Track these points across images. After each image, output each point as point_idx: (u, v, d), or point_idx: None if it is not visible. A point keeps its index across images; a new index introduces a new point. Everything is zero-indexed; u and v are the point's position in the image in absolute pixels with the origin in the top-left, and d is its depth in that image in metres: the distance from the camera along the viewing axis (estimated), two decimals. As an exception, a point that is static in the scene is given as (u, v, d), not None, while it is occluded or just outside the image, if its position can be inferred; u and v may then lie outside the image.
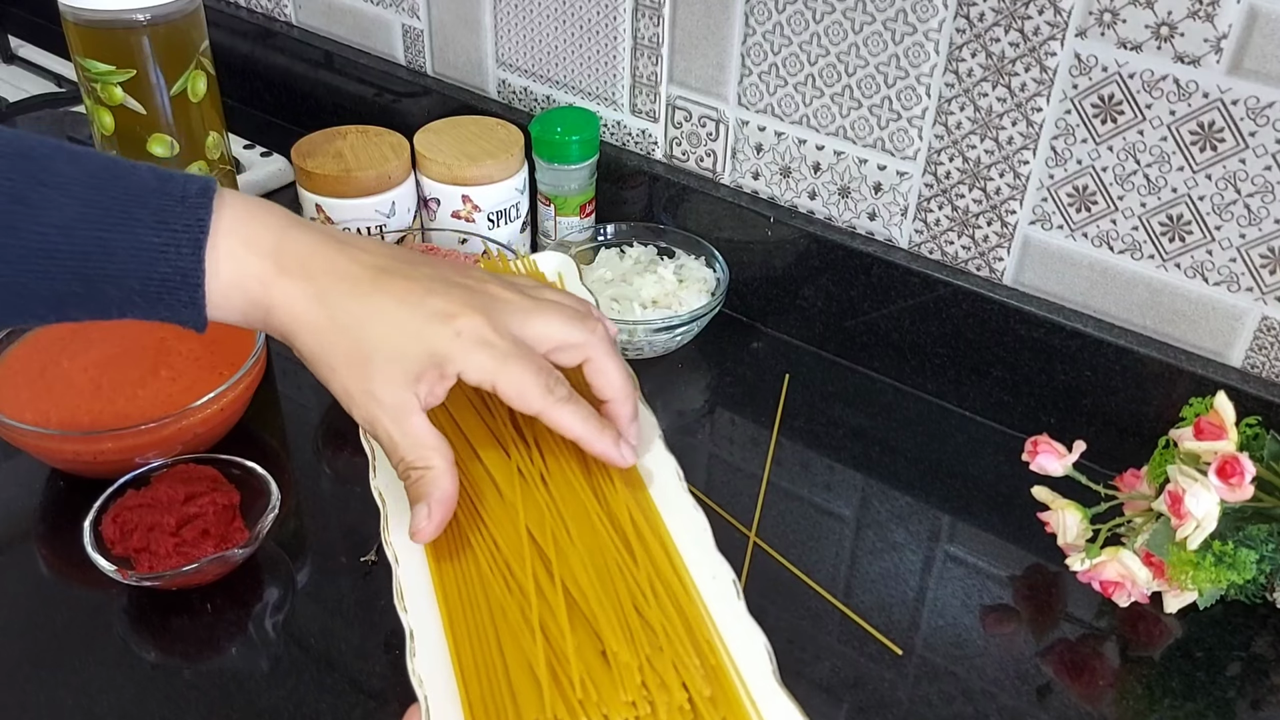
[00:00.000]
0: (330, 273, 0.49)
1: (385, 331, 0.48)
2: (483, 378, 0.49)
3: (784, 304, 0.89)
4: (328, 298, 0.49)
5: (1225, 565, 0.61)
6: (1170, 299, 0.73)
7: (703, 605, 0.48)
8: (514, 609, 0.47)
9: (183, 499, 0.65)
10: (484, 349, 0.49)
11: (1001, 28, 0.71)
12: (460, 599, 0.48)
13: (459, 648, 0.47)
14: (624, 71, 0.91)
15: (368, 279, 0.49)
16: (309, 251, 0.49)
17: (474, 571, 0.49)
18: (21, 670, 0.60)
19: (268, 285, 0.49)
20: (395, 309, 0.49)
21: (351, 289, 0.49)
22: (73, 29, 0.75)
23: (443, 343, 0.48)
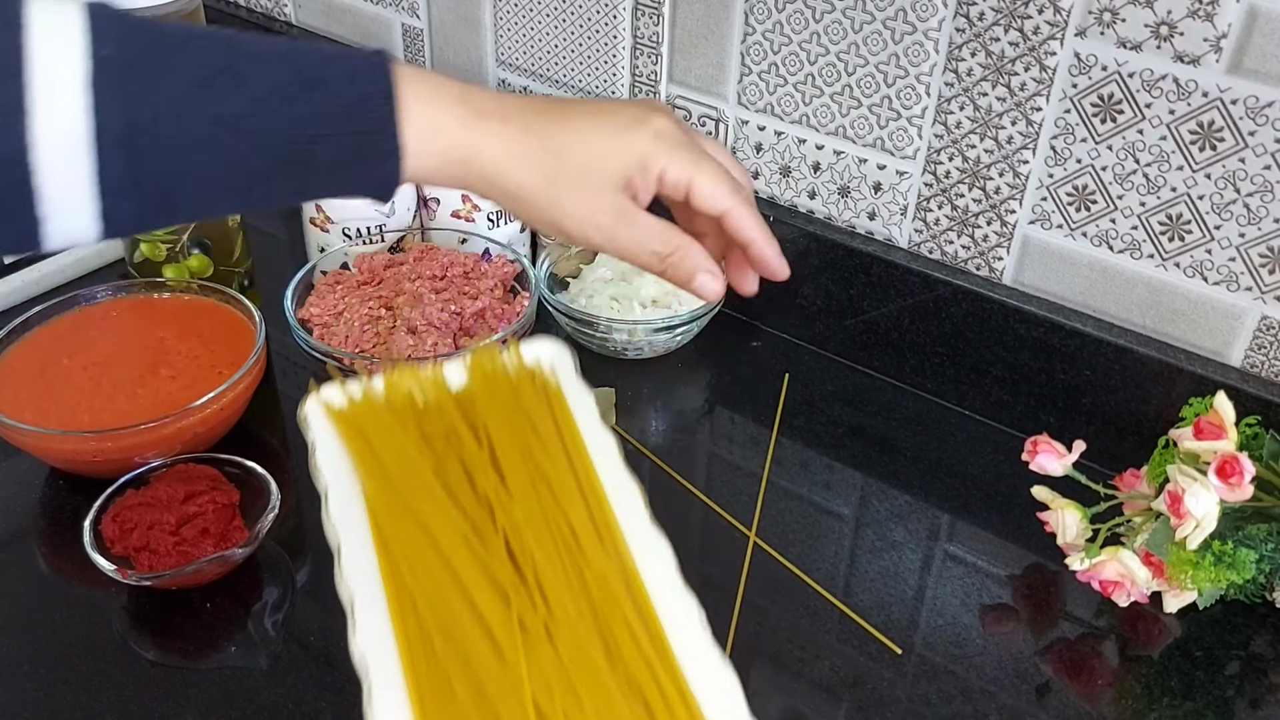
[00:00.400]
0: (523, 110, 0.51)
1: (592, 144, 0.51)
2: (680, 175, 0.52)
3: (784, 303, 0.89)
4: (531, 129, 0.50)
5: (1225, 565, 0.61)
6: (1170, 298, 0.73)
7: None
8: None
9: (182, 498, 0.65)
10: (681, 148, 0.52)
11: (1001, 27, 0.71)
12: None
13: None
14: (624, 71, 0.91)
15: (557, 109, 0.52)
16: (494, 97, 0.51)
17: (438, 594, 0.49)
18: (21, 668, 0.61)
19: (469, 128, 0.49)
20: (595, 124, 0.51)
21: (548, 119, 0.51)
22: (73, 28, 0.75)
23: (645, 144, 0.51)
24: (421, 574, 0.51)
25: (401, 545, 0.52)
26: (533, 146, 0.50)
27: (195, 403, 0.69)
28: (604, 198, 0.51)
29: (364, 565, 0.52)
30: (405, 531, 0.52)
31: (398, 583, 0.51)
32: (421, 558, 0.51)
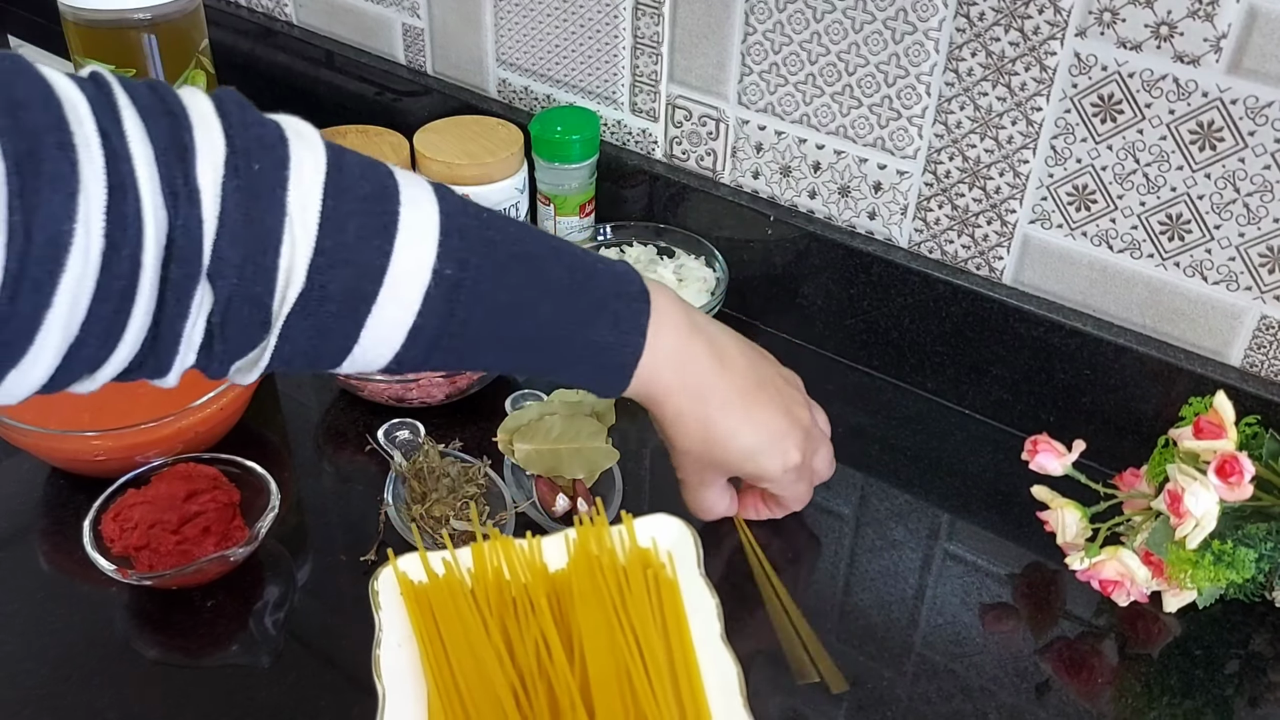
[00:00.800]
0: (714, 397, 0.61)
1: (738, 451, 0.63)
2: (780, 493, 0.68)
3: (784, 303, 0.89)
4: (708, 417, 0.61)
5: (1224, 564, 0.61)
6: (1169, 298, 0.73)
7: None
8: None
9: (183, 497, 0.66)
10: (789, 479, 0.65)
11: (1001, 27, 0.71)
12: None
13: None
14: (624, 70, 0.91)
15: (739, 405, 0.62)
16: (703, 374, 0.61)
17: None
18: (23, 667, 0.61)
19: (670, 393, 0.60)
20: (752, 434, 0.62)
21: (725, 411, 0.61)
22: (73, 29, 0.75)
23: (775, 472, 0.64)
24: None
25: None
26: (699, 429, 0.62)
27: (196, 402, 0.69)
28: (716, 479, 0.66)
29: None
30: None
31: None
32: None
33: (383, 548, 0.68)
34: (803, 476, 0.66)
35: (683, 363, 0.60)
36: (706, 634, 0.59)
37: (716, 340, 0.63)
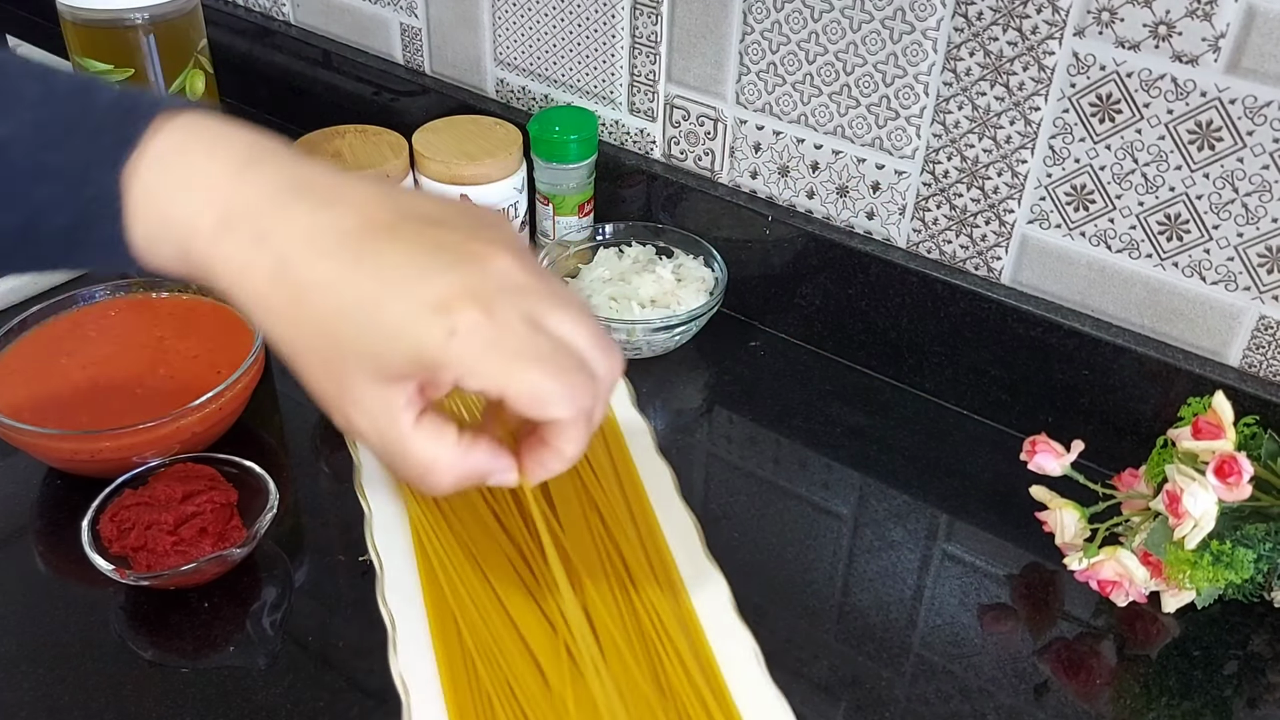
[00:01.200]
0: (293, 234, 0.39)
1: (363, 326, 0.38)
2: (486, 387, 0.39)
3: (782, 303, 0.89)
4: (287, 272, 0.38)
5: (1223, 564, 0.61)
6: (1168, 298, 0.73)
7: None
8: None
9: (180, 498, 0.65)
10: (488, 354, 0.38)
11: (1000, 26, 0.71)
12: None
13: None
14: (622, 70, 0.91)
15: (346, 248, 0.39)
16: (268, 199, 0.39)
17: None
18: (19, 668, 0.60)
19: (204, 238, 0.39)
20: (376, 295, 0.38)
21: (321, 260, 0.38)
22: (71, 28, 0.75)
23: (434, 346, 0.38)
24: (465, 598, 0.48)
25: (446, 569, 0.49)
26: (283, 300, 0.39)
27: (193, 402, 0.69)
28: (360, 389, 0.39)
29: (406, 586, 0.49)
30: (450, 555, 0.50)
31: (440, 605, 0.48)
32: (466, 583, 0.49)
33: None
34: (508, 348, 0.39)
35: (229, 185, 0.39)
36: (642, 450, 0.56)
37: (309, 172, 0.40)
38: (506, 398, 0.39)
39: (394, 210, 0.40)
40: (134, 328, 0.77)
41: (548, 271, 0.43)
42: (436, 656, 0.44)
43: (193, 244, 0.39)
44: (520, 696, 0.47)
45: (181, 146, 0.39)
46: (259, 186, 0.39)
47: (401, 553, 0.48)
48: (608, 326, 0.82)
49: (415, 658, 0.43)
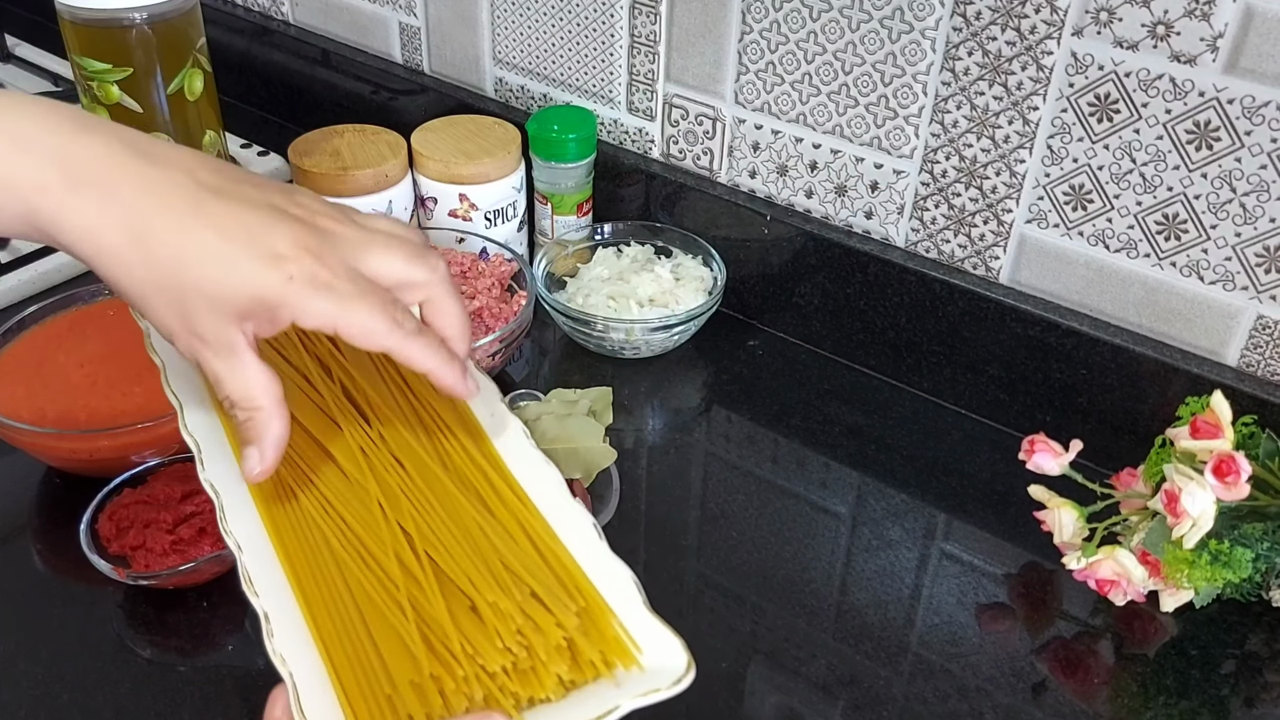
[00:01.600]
0: (137, 189, 0.43)
1: (208, 270, 0.43)
2: (321, 323, 0.45)
3: (781, 302, 0.89)
4: (136, 223, 0.42)
5: (1221, 564, 0.61)
6: (1166, 298, 0.73)
7: (566, 550, 0.48)
8: (374, 584, 0.46)
9: (179, 497, 0.65)
10: (320, 293, 0.44)
11: (998, 26, 0.71)
12: (314, 580, 0.47)
13: (319, 624, 0.45)
14: (621, 70, 0.91)
15: (184, 202, 0.43)
16: (106, 159, 0.42)
17: (325, 552, 0.48)
18: (18, 667, 0.60)
19: (52, 200, 0.42)
20: (218, 245, 0.43)
21: (164, 213, 0.43)
22: (69, 27, 0.75)
23: (274, 288, 0.44)
24: None
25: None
26: (130, 248, 0.43)
27: (192, 401, 0.69)
28: (205, 323, 0.44)
29: (203, 421, 0.52)
30: None
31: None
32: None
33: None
34: (338, 295, 0.45)
35: (70, 143, 0.42)
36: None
37: (136, 137, 0.45)
38: (339, 333, 0.45)
39: (218, 173, 0.45)
40: (133, 327, 0.77)
41: (358, 215, 0.49)
42: (314, 638, 0.46)
43: (39, 203, 0.42)
44: (321, 485, 0.50)
45: (10, 115, 0.41)
46: (95, 149, 0.42)
47: (262, 537, 0.50)
48: (606, 325, 0.83)
49: (294, 637, 0.46)
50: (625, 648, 0.44)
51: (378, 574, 0.47)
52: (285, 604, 0.47)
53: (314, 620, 0.46)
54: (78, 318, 0.77)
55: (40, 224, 0.42)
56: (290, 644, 0.44)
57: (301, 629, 0.45)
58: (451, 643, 0.43)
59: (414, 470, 0.51)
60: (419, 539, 0.48)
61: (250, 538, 0.49)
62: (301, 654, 0.44)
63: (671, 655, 0.43)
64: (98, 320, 0.78)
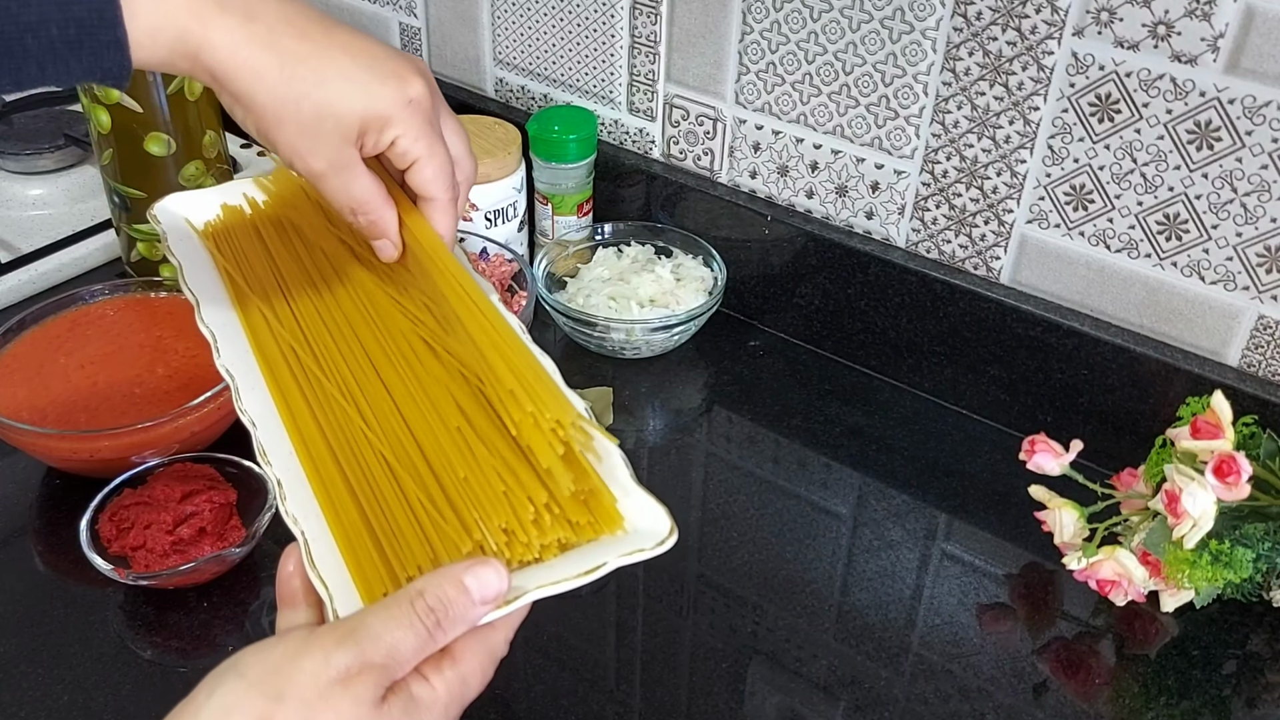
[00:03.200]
0: (276, 15, 0.47)
1: (339, 86, 0.48)
2: (411, 151, 0.51)
3: (781, 302, 0.89)
4: (277, 42, 0.47)
5: (1222, 564, 0.61)
6: (1167, 298, 0.73)
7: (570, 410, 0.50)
8: (378, 452, 0.49)
9: (179, 497, 0.65)
10: (426, 125, 0.50)
11: (999, 26, 0.71)
12: (322, 450, 0.50)
13: (328, 489, 0.49)
14: (621, 70, 0.91)
15: (318, 28, 0.48)
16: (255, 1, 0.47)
17: (332, 426, 0.51)
18: (18, 667, 0.60)
19: (204, 21, 0.46)
20: (349, 63, 0.48)
21: (301, 35, 0.47)
22: (70, 27, 0.75)
23: (394, 106, 0.49)
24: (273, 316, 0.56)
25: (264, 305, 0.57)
26: (270, 64, 0.47)
27: (192, 402, 0.69)
28: (329, 141, 0.49)
29: (217, 315, 0.57)
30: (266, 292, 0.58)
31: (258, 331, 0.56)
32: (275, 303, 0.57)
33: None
34: (433, 131, 0.52)
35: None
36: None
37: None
38: (420, 163, 0.52)
39: (327, 19, 0.50)
40: (133, 327, 0.77)
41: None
42: (321, 503, 0.50)
43: (191, 24, 0.46)
44: (324, 365, 0.54)
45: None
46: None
47: (271, 413, 0.54)
48: (606, 325, 0.83)
49: (304, 501, 0.50)
50: (615, 514, 0.46)
51: (382, 443, 0.50)
52: (295, 472, 0.50)
53: (322, 485, 0.49)
54: (78, 318, 0.77)
55: (190, 44, 0.46)
56: (300, 506, 0.48)
57: (310, 494, 0.49)
58: (454, 504, 0.46)
59: (405, 344, 0.54)
60: (416, 409, 0.51)
61: (262, 415, 0.52)
62: (311, 515, 0.48)
63: (656, 521, 0.46)
64: (98, 321, 0.78)
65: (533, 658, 0.62)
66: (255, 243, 0.61)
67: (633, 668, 0.62)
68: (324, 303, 0.57)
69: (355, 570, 0.45)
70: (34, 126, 1.05)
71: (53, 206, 0.99)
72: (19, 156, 1.00)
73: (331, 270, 0.59)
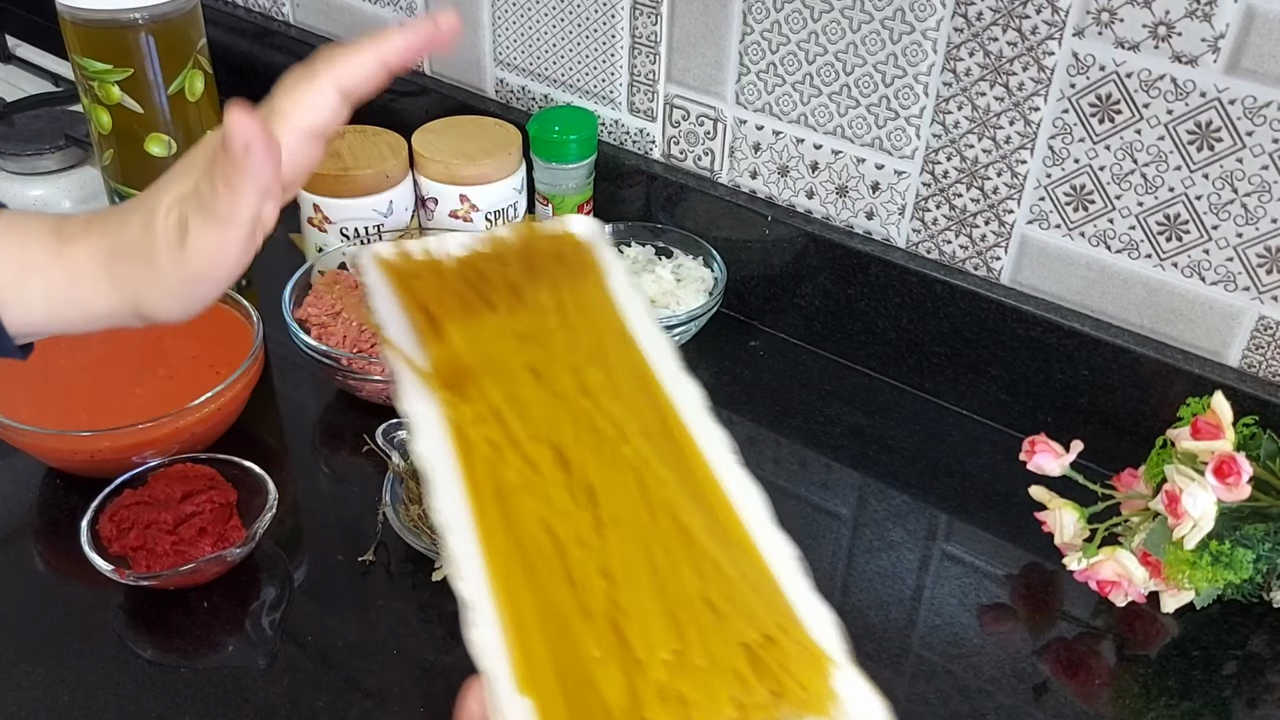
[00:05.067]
0: (106, 217, 0.48)
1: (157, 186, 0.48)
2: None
3: (782, 303, 0.89)
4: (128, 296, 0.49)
5: (1222, 565, 0.61)
6: (1167, 298, 0.73)
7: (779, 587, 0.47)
8: (580, 598, 0.45)
9: (180, 498, 0.65)
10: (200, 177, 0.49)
11: (999, 27, 0.71)
12: (521, 577, 0.46)
13: (519, 620, 0.45)
14: (622, 70, 0.91)
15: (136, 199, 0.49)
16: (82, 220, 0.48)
17: (534, 554, 0.47)
18: (19, 667, 0.60)
19: (60, 257, 0.47)
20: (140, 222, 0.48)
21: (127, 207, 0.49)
22: (70, 28, 0.75)
23: (188, 178, 0.48)
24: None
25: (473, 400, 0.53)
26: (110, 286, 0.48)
27: (193, 402, 0.69)
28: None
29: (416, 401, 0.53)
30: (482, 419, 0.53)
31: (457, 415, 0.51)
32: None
33: (380, 548, 0.68)
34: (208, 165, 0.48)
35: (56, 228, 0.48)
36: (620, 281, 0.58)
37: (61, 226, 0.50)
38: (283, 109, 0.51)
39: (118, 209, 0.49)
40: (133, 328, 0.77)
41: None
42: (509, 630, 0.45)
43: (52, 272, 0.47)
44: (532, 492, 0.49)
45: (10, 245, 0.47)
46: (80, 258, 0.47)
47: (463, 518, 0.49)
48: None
49: (489, 628, 0.45)
50: (830, 697, 0.44)
51: (589, 589, 0.46)
52: (486, 597, 0.46)
53: (516, 619, 0.45)
54: (79, 318, 0.77)
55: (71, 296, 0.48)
56: (489, 638, 0.44)
57: (498, 625, 0.45)
58: (662, 688, 0.42)
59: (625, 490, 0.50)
60: (626, 555, 0.47)
61: (456, 521, 0.48)
62: (499, 651, 0.44)
63: (871, 713, 0.44)
64: (99, 321, 0.77)
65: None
66: (458, 311, 0.57)
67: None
68: (541, 402, 0.53)
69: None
70: (35, 127, 1.05)
71: (54, 207, 0.99)
72: (20, 157, 1.00)
73: (547, 363, 0.55)
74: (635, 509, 0.49)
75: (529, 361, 0.55)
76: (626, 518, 0.48)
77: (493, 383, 0.54)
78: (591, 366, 0.55)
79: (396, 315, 0.57)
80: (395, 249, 0.60)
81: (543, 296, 0.58)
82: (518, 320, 0.57)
